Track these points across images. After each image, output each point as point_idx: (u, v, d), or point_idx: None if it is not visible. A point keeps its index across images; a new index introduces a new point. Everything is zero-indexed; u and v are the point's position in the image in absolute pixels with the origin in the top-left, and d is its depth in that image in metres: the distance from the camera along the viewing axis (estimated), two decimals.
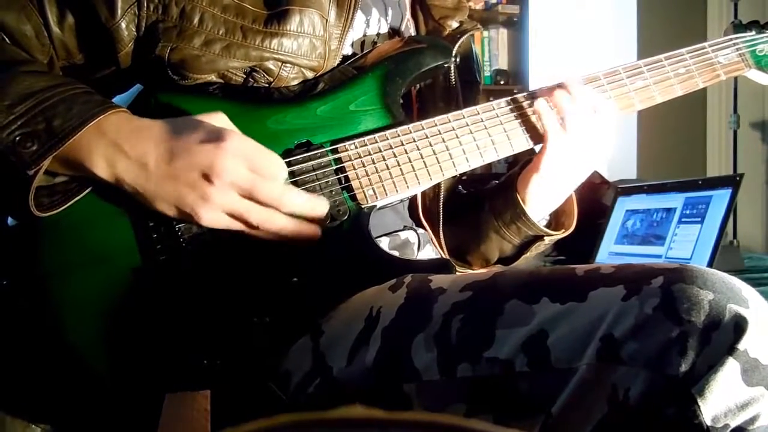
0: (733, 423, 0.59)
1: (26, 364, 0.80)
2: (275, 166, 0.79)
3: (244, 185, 0.76)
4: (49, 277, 0.79)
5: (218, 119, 0.80)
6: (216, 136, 0.77)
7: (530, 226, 0.98)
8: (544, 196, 0.97)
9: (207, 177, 0.76)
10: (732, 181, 1.58)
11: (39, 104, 0.76)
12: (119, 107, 0.80)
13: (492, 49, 4.08)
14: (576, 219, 1.01)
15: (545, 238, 1.00)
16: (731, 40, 1.02)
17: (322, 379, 0.77)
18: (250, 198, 0.77)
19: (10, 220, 0.82)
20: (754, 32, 1.04)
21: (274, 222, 0.78)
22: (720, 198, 1.57)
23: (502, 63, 4.11)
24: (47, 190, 0.79)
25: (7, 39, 0.84)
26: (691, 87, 0.99)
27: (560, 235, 1.01)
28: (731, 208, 1.53)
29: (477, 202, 1.04)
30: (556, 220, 1.03)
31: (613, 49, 3.85)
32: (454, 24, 1.04)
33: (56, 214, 0.79)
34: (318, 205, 0.81)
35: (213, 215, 0.77)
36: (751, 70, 1.03)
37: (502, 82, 3.97)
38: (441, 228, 1.02)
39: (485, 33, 4.06)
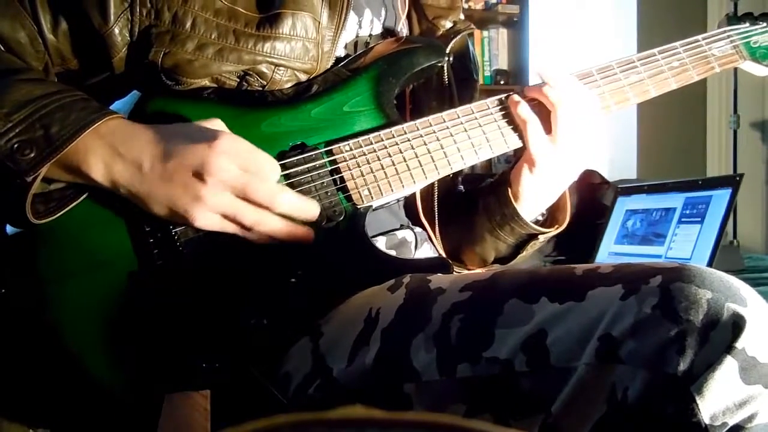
0: (731, 421, 0.59)
1: (25, 368, 0.80)
2: (268, 165, 0.79)
3: (236, 184, 0.76)
4: (47, 283, 0.79)
5: (215, 124, 0.80)
6: (208, 136, 0.77)
7: (523, 226, 0.97)
8: (537, 194, 0.96)
9: (200, 176, 0.75)
10: (732, 181, 1.58)
11: (36, 111, 0.76)
12: (116, 114, 0.80)
13: (492, 49, 4.08)
14: (570, 214, 1.00)
15: (539, 236, 1.00)
16: (725, 32, 1.02)
17: (322, 380, 0.77)
18: (243, 198, 0.77)
19: (9, 228, 0.82)
20: (747, 24, 1.04)
21: (266, 223, 0.78)
22: (720, 198, 1.57)
23: (502, 63, 4.11)
24: (43, 197, 0.79)
25: (1, 47, 0.84)
26: (686, 80, 0.99)
27: (554, 231, 1.00)
28: (731, 208, 1.54)
29: (470, 203, 1.04)
30: (551, 216, 1.02)
31: (614, 48, 3.85)
32: (448, 24, 1.04)
33: (53, 220, 0.79)
34: (310, 207, 0.81)
35: (206, 216, 0.77)
36: (745, 62, 1.03)
37: (502, 82, 3.97)
38: (438, 226, 1.02)
39: (485, 33, 4.06)
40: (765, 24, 1.05)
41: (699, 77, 0.99)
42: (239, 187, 0.76)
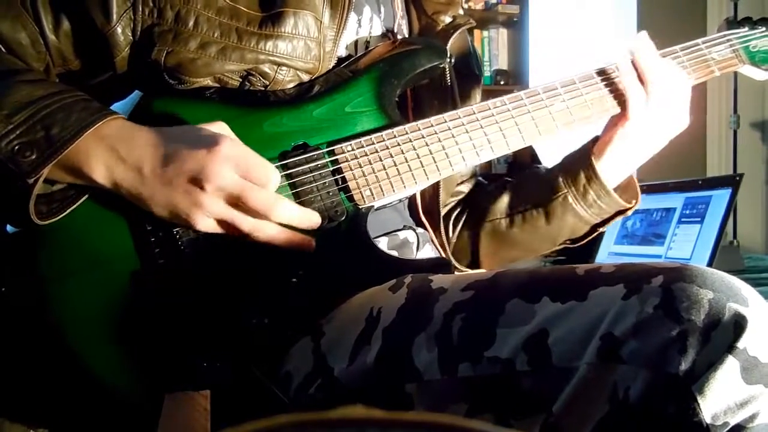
0: (733, 421, 0.59)
1: (25, 368, 0.80)
2: (267, 173, 0.78)
3: (233, 191, 0.76)
4: (47, 281, 0.79)
5: (218, 128, 0.80)
6: (209, 141, 0.76)
7: (610, 203, 1.00)
8: (619, 169, 0.99)
9: (198, 182, 0.75)
10: (732, 181, 1.58)
11: (37, 113, 0.76)
12: (117, 114, 0.80)
13: (492, 49, 4.08)
14: (639, 192, 1.03)
15: (615, 216, 1.02)
16: (724, 36, 1.03)
17: (323, 379, 0.77)
18: (241, 204, 0.77)
19: (9, 228, 0.82)
20: (747, 28, 1.05)
21: (264, 231, 0.78)
22: (720, 198, 1.57)
23: (502, 63, 4.11)
24: (45, 198, 0.79)
25: (2, 48, 0.84)
26: None
27: (634, 207, 1.02)
28: (731, 208, 1.53)
29: (541, 186, 1.04)
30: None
31: (614, 49, 3.85)
32: (447, 19, 1.05)
33: (55, 221, 0.79)
34: (309, 217, 0.81)
35: (206, 222, 0.77)
36: (744, 66, 1.04)
37: (502, 82, 3.96)
38: (441, 226, 1.02)
39: (485, 33, 4.06)
40: (764, 28, 1.05)
41: (699, 81, 1.00)
42: (236, 195, 0.76)
